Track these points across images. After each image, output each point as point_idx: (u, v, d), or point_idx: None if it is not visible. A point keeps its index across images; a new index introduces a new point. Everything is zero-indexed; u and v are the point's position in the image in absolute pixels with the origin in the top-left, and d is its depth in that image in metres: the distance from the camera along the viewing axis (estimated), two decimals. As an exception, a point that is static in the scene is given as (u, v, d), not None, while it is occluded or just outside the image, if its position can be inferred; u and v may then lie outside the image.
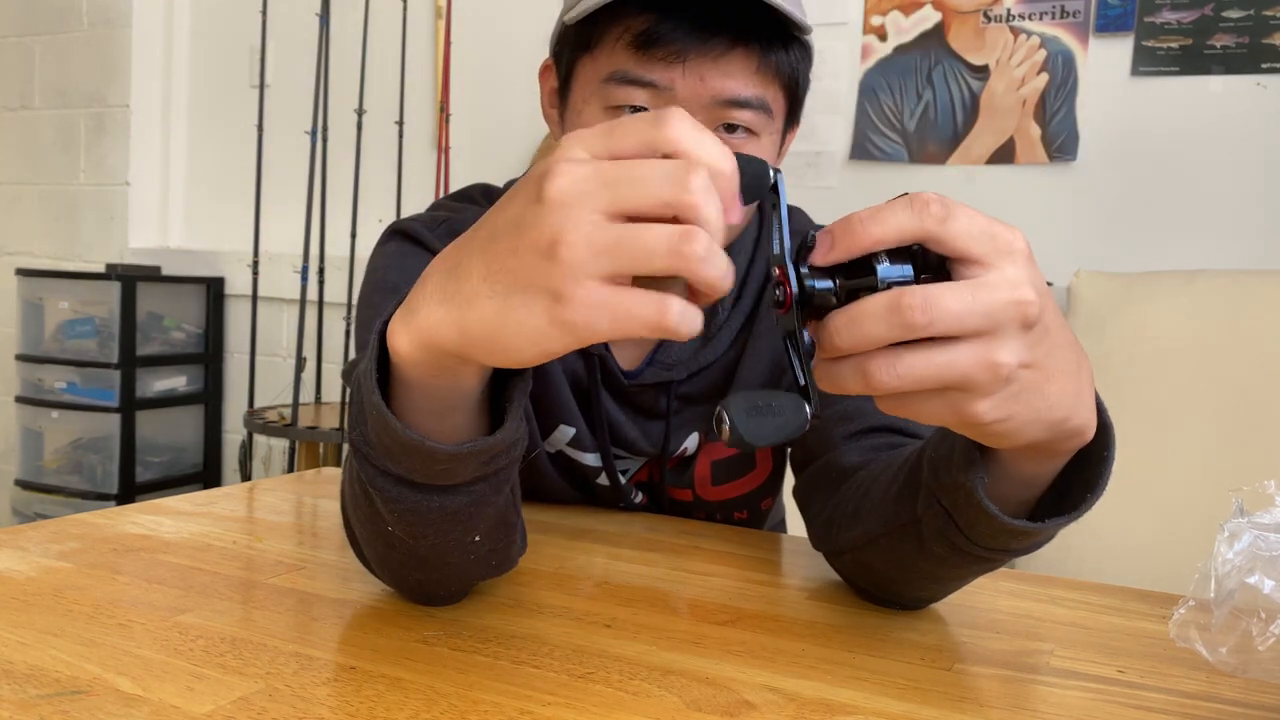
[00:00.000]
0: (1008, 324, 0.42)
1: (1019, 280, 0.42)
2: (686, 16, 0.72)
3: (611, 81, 0.75)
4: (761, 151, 0.78)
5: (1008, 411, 0.44)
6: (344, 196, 2.50)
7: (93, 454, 2.70)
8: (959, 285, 0.42)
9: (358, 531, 0.61)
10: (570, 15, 0.77)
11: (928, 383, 0.43)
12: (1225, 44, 1.86)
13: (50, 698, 0.48)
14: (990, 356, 0.42)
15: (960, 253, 0.42)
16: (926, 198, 0.42)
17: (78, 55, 2.93)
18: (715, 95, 0.74)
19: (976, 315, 0.41)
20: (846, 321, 0.42)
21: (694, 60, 0.73)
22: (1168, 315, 1.63)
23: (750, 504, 0.95)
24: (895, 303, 0.41)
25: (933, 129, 2.07)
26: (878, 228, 0.42)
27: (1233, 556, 0.49)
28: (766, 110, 0.76)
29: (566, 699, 0.51)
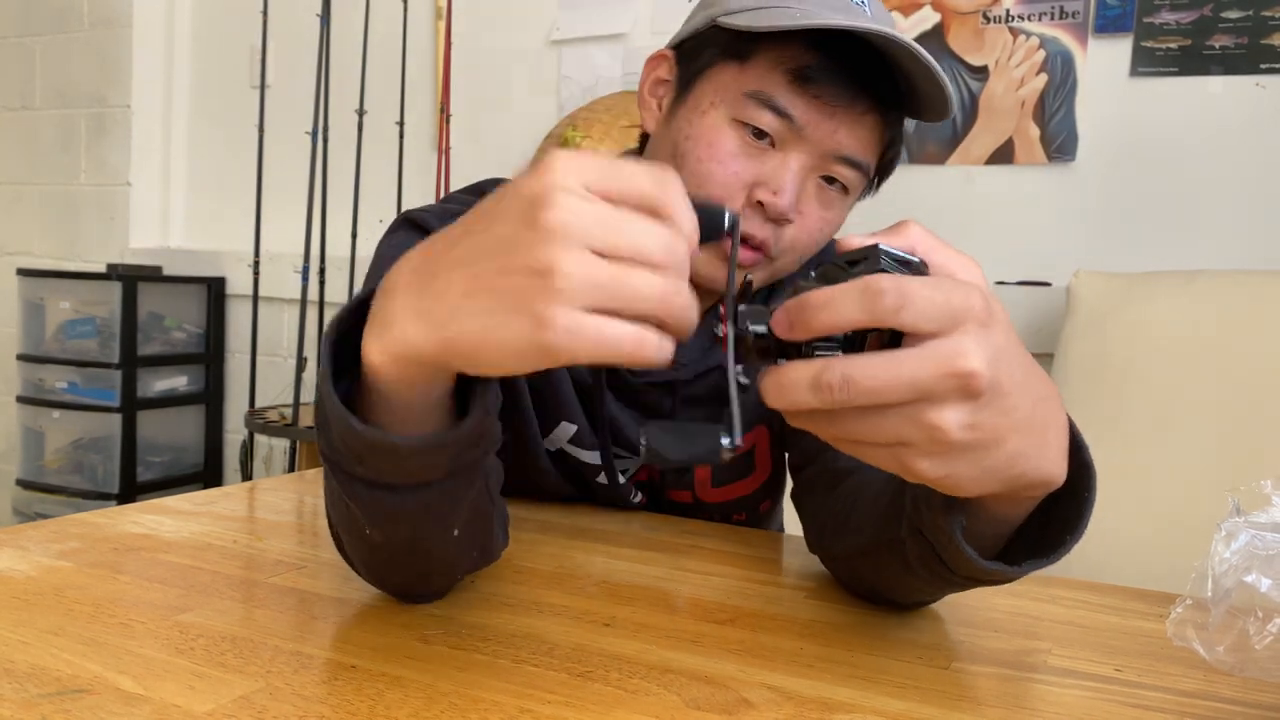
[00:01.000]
0: (944, 392, 0.42)
1: (962, 350, 0.42)
2: (846, 66, 0.74)
3: (754, 99, 0.75)
4: (845, 207, 0.81)
5: (951, 469, 0.44)
6: (344, 197, 2.50)
7: (94, 454, 2.71)
8: (884, 358, 0.42)
9: (342, 537, 0.61)
10: (734, 20, 0.76)
11: (866, 437, 0.44)
12: (1224, 44, 1.86)
13: (51, 697, 0.48)
14: (925, 421, 0.42)
15: (918, 333, 0.42)
16: (880, 288, 0.42)
17: (78, 55, 2.94)
18: (836, 150, 0.76)
19: (902, 388, 0.42)
20: (775, 386, 0.44)
21: (841, 114, 0.75)
22: (1168, 315, 1.63)
23: (749, 507, 0.95)
24: (816, 379, 0.42)
25: (932, 129, 2.07)
26: (828, 317, 0.43)
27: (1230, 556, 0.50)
28: (866, 173, 0.80)
29: (566, 697, 0.51)
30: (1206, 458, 1.52)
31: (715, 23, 0.78)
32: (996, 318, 0.44)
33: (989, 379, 0.42)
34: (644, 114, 0.86)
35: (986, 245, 2.03)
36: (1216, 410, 1.54)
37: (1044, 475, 0.47)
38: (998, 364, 0.43)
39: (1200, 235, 1.89)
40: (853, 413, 0.43)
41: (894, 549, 0.60)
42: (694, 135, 0.78)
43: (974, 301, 0.43)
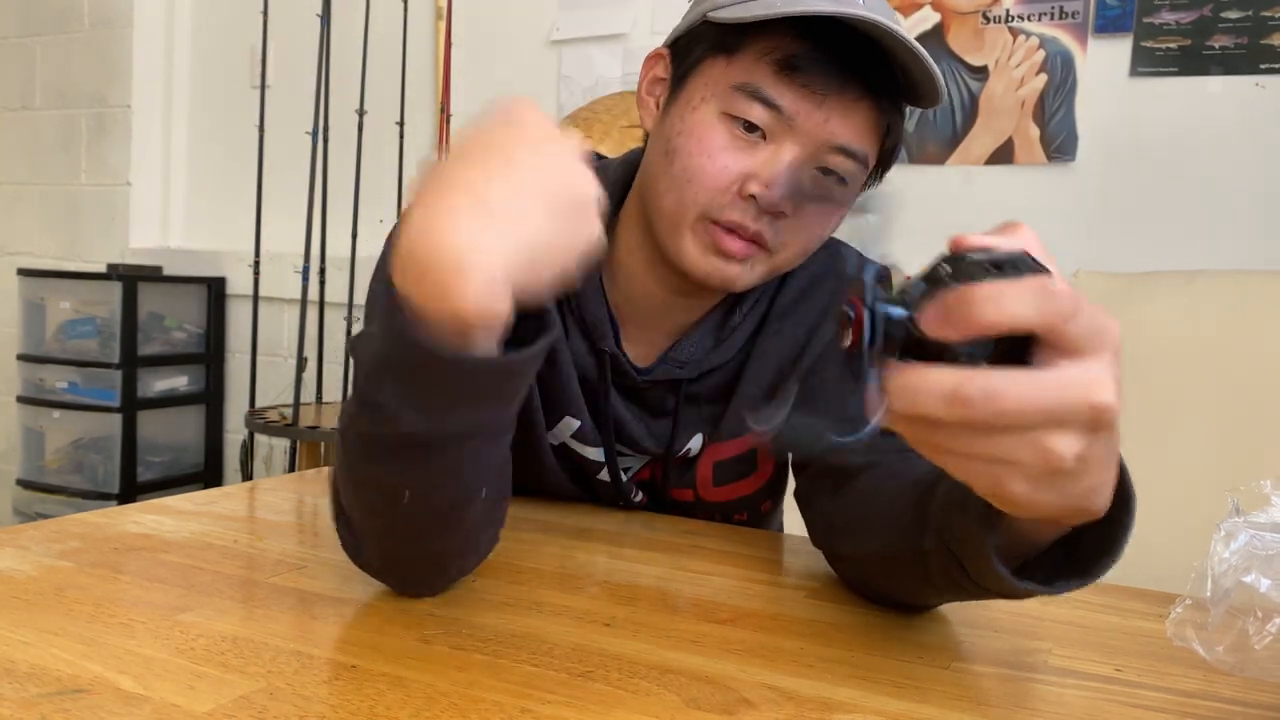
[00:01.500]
0: (1074, 420, 0.40)
1: (1100, 380, 0.40)
2: (834, 54, 0.72)
3: (742, 92, 0.75)
4: (845, 200, 0.79)
5: (1042, 496, 0.42)
6: (345, 197, 2.50)
7: (94, 454, 2.71)
8: (1025, 378, 0.39)
9: (363, 517, 0.61)
10: (721, 14, 0.75)
11: (974, 454, 0.41)
12: (1224, 44, 1.86)
13: (51, 696, 0.48)
14: (1045, 445, 0.40)
15: (1069, 347, 0.40)
16: (1059, 290, 0.39)
17: (79, 55, 2.94)
18: (830, 139, 0.75)
19: (1039, 412, 0.39)
20: (904, 389, 0.40)
21: (831, 102, 0.74)
22: (1168, 315, 1.63)
23: (750, 506, 0.95)
24: (955, 392, 0.39)
25: (932, 129, 2.07)
26: (994, 313, 0.39)
27: (1229, 556, 0.50)
28: (864, 165, 0.77)
29: (566, 697, 0.51)
30: (1206, 458, 1.52)
31: (705, 18, 0.78)
32: (1116, 344, 0.42)
33: (1116, 414, 0.40)
34: (642, 113, 0.86)
35: (986, 245, 2.03)
36: (1216, 410, 1.54)
37: (1099, 506, 0.46)
38: (1122, 399, 0.41)
39: (1200, 235, 1.89)
40: (970, 428, 0.40)
41: (914, 559, 0.59)
42: (684, 131, 0.78)
43: (1115, 329, 0.41)
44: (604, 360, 0.86)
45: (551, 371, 0.86)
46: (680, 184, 0.77)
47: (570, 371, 0.86)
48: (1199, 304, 1.63)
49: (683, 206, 0.77)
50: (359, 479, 0.58)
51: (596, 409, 0.88)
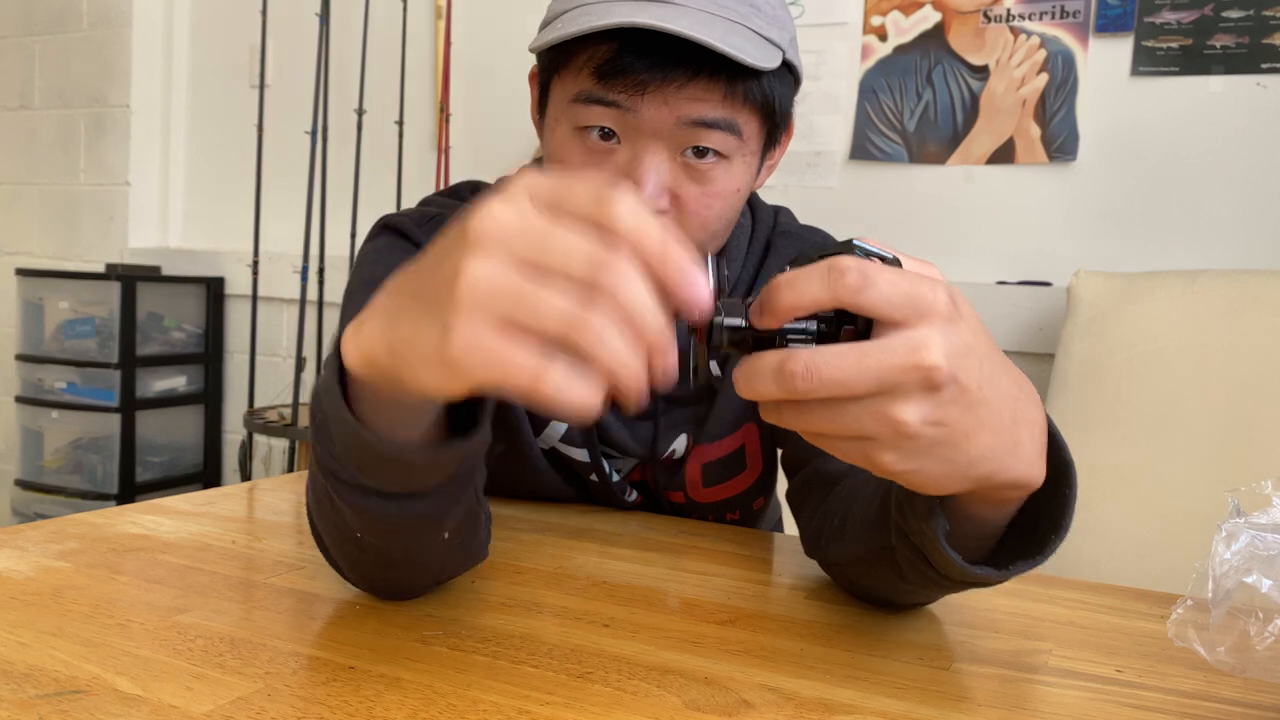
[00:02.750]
0: (906, 385, 0.42)
1: (924, 343, 0.42)
2: (648, 48, 0.70)
3: (578, 102, 0.74)
4: (732, 175, 0.76)
5: (915, 465, 0.44)
6: (344, 196, 2.50)
7: (93, 454, 2.70)
8: (848, 349, 0.42)
9: (326, 540, 0.62)
10: (535, 45, 0.76)
11: (832, 430, 0.44)
12: (1225, 44, 1.86)
13: (49, 697, 0.48)
14: (888, 414, 0.43)
15: (880, 318, 0.43)
16: (844, 266, 0.43)
17: (78, 55, 2.93)
18: (681, 118, 0.73)
19: (865, 379, 0.42)
20: (744, 375, 0.44)
21: (655, 89, 0.72)
22: (1168, 315, 1.63)
23: (743, 505, 0.95)
24: (780, 367, 0.43)
25: (932, 129, 2.07)
26: (792, 296, 0.43)
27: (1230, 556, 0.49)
28: (736, 133, 0.74)
29: (565, 698, 0.51)
30: (1207, 458, 1.51)
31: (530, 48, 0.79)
32: (963, 314, 0.44)
33: (949, 373, 0.43)
34: (538, 133, 0.86)
35: (986, 245, 2.03)
36: (1217, 410, 1.54)
37: (1017, 475, 0.47)
38: (962, 359, 0.43)
39: (1200, 235, 1.89)
40: (818, 405, 0.43)
41: (885, 556, 0.60)
42: (550, 153, 0.78)
43: (939, 295, 0.43)
44: None
45: None
46: None
47: None
48: (1199, 304, 1.62)
49: None
50: (322, 509, 0.58)
51: None
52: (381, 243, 0.87)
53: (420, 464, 0.50)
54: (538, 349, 0.38)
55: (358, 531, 0.56)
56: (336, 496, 0.54)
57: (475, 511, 0.61)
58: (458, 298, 0.38)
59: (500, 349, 0.38)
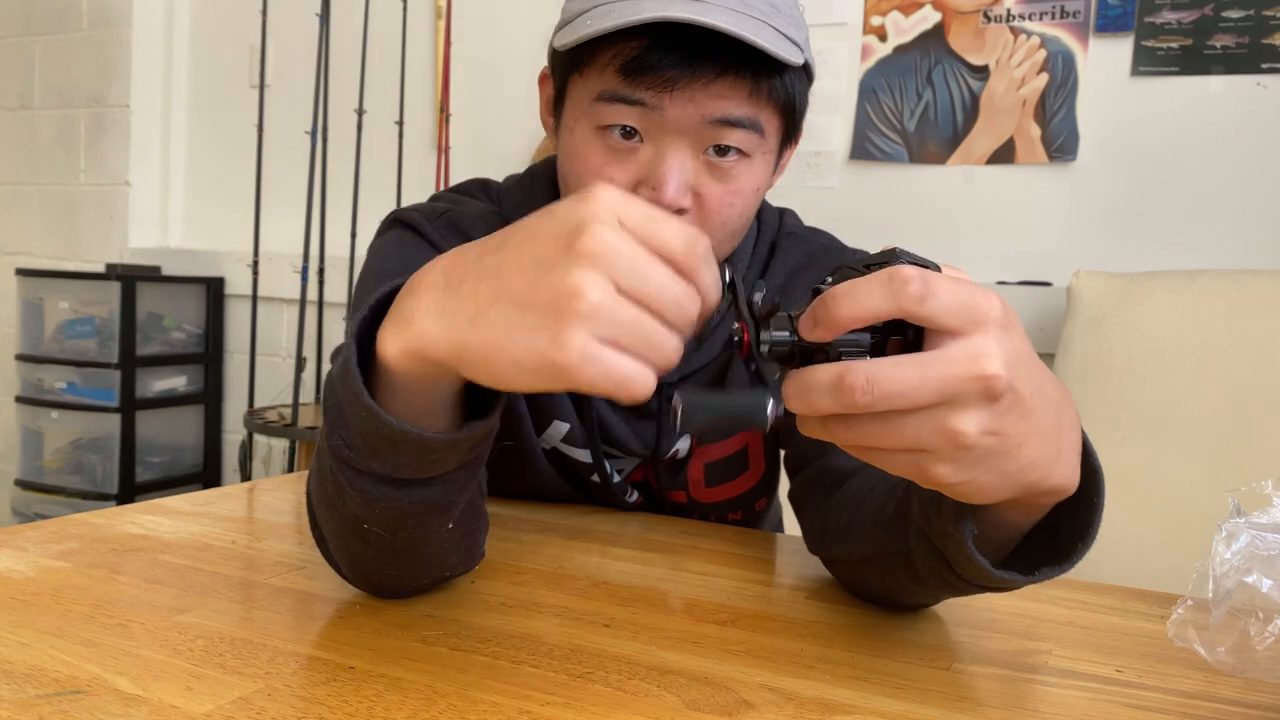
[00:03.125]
0: (966, 396, 0.42)
1: (984, 352, 0.42)
2: (676, 45, 0.71)
3: (601, 100, 0.74)
4: (753, 174, 0.77)
5: (970, 475, 0.44)
6: (344, 196, 2.50)
7: (92, 454, 2.70)
8: (908, 360, 0.42)
9: (329, 533, 0.61)
10: (561, 43, 0.76)
11: (886, 444, 0.43)
12: (1225, 44, 1.86)
13: (49, 697, 0.48)
14: (946, 425, 0.42)
15: (940, 328, 0.42)
16: (906, 275, 0.42)
17: (78, 55, 2.93)
18: (706, 116, 0.73)
19: (927, 390, 0.42)
20: (797, 390, 0.44)
21: (683, 87, 0.72)
22: (1168, 315, 1.63)
23: (745, 505, 0.95)
24: (839, 381, 0.42)
25: (933, 129, 2.07)
26: (852, 308, 0.43)
27: (1230, 556, 0.49)
28: (759, 131, 0.75)
29: (565, 698, 0.51)
30: (1207, 458, 1.51)
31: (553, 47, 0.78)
32: (1014, 322, 0.44)
33: (1007, 381, 0.42)
34: (547, 134, 0.86)
35: (986, 245, 2.03)
36: (1217, 410, 1.54)
37: (1058, 482, 0.47)
38: (1016, 368, 0.43)
39: (1200, 235, 1.89)
40: (872, 418, 0.43)
41: (901, 558, 0.60)
42: (569, 154, 0.78)
43: (994, 303, 0.43)
44: None
45: None
46: None
47: None
48: (1199, 304, 1.62)
49: None
50: (327, 501, 0.58)
51: (583, 412, 0.88)
52: (393, 236, 0.87)
53: (438, 447, 0.51)
54: (636, 368, 0.43)
55: (364, 522, 0.56)
56: (347, 484, 0.54)
57: (477, 505, 0.62)
58: (575, 311, 0.42)
59: (616, 363, 0.42)
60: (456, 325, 0.45)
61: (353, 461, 0.52)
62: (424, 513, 0.55)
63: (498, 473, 0.93)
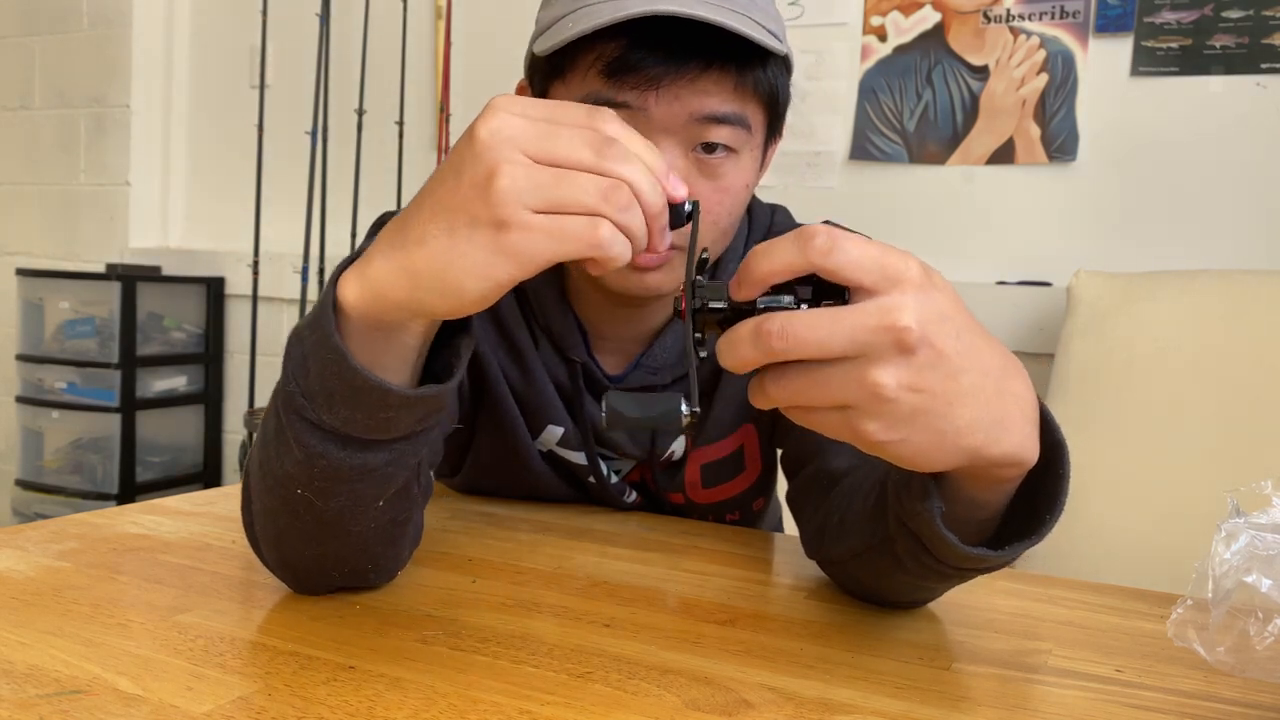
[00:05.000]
0: (878, 347, 0.43)
1: (896, 305, 0.43)
2: (659, 43, 0.70)
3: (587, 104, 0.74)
4: (742, 170, 0.77)
5: (901, 434, 0.45)
6: (344, 196, 2.50)
7: (93, 454, 2.70)
8: (822, 312, 0.44)
9: (259, 510, 0.62)
10: (541, 48, 0.75)
11: (813, 399, 0.45)
12: (1225, 44, 1.86)
13: (49, 697, 0.48)
14: (865, 378, 0.44)
15: (850, 282, 0.44)
16: (812, 231, 0.44)
17: (78, 55, 2.93)
18: (692, 114, 0.73)
19: (840, 339, 0.43)
20: (725, 346, 0.46)
21: (668, 85, 0.72)
22: (1168, 315, 1.63)
23: (742, 505, 0.95)
24: (757, 328, 0.44)
25: (932, 129, 2.07)
26: (766, 263, 0.45)
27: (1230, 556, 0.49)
28: (745, 126, 0.75)
29: (565, 698, 0.51)
30: (1207, 458, 1.51)
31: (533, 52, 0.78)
32: (937, 285, 0.45)
33: (920, 334, 0.43)
34: None
35: (986, 245, 2.03)
36: (1217, 410, 1.54)
37: (1008, 449, 0.48)
38: (936, 325, 0.44)
39: (1200, 235, 1.89)
40: (797, 372, 0.45)
41: (885, 548, 0.60)
42: None
43: (910, 264, 0.44)
44: (575, 370, 0.86)
45: (527, 381, 0.87)
46: None
47: (545, 379, 0.87)
48: (1199, 304, 1.62)
49: None
50: (266, 463, 0.59)
51: (575, 414, 0.88)
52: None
53: (395, 403, 0.52)
54: (582, 219, 0.46)
55: (299, 486, 0.56)
56: (293, 438, 0.54)
57: (413, 494, 0.63)
58: (499, 195, 0.45)
59: (557, 223, 0.45)
60: (405, 252, 0.48)
61: (304, 411, 0.53)
62: (360, 479, 0.56)
63: (497, 476, 0.93)
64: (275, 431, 0.57)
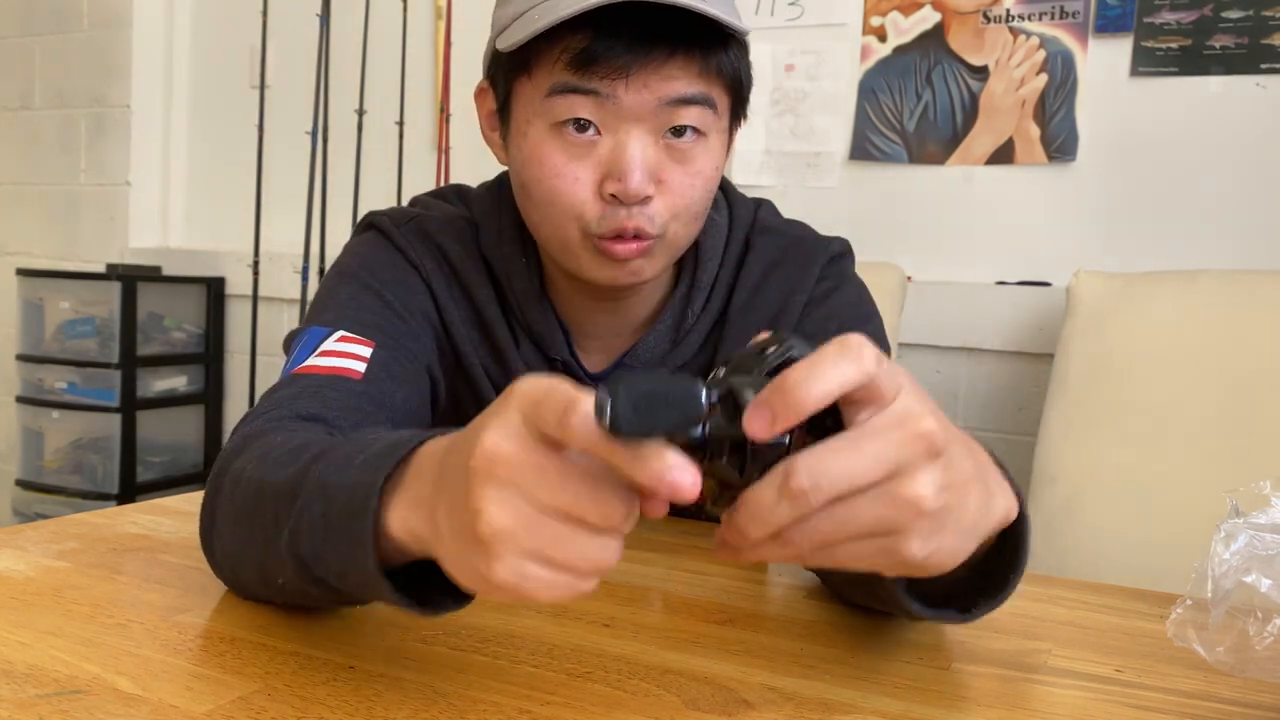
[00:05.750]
0: (913, 458, 0.40)
1: (911, 411, 0.40)
2: (624, 30, 0.71)
3: (554, 95, 0.73)
4: (711, 153, 0.77)
5: (936, 543, 0.42)
6: (344, 196, 2.50)
7: (93, 454, 2.70)
8: (838, 443, 0.40)
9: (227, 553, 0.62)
10: (504, 44, 0.75)
11: (846, 536, 0.41)
12: (1225, 44, 1.86)
13: (49, 697, 0.48)
14: (904, 494, 0.40)
15: (881, 392, 0.40)
16: (860, 341, 0.40)
17: (78, 56, 2.93)
18: (661, 98, 0.73)
19: (871, 464, 0.40)
20: (749, 519, 0.41)
21: (636, 71, 0.72)
22: (1168, 315, 1.63)
23: None
24: (782, 487, 0.40)
25: (932, 129, 2.07)
26: (819, 386, 0.39)
27: (1229, 556, 0.50)
28: (712, 107, 0.75)
29: (565, 698, 0.51)
30: (1207, 458, 1.51)
31: (495, 48, 0.77)
32: (911, 379, 0.43)
33: (942, 434, 0.41)
34: (494, 151, 0.85)
35: (986, 245, 2.03)
36: (1217, 411, 1.54)
37: (1002, 515, 0.47)
38: (937, 416, 0.42)
39: (1200, 235, 1.89)
40: (824, 516, 0.40)
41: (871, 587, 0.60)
42: (526, 159, 0.76)
43: (899, 370, 0.41)
44: (556, 369, 0.86)
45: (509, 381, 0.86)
46: (546, 212, 0.77)
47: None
48: (1199, 304, 1.62)
49: (561, 232, 0.77)
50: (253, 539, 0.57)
51: None
52: (364, 238, 0.88)
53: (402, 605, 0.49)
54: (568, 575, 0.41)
55: (280, 580, 0.56)
56: (292, 570, 0.53)
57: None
58: (485, 542, 0.40)
59: (540, 580, 0.41)
60: (433, 533, 0.45)
61: (312, 569, 0.52)
62: (339, 602, 0.59)
63: None
64: (269, 542, 0.54)
